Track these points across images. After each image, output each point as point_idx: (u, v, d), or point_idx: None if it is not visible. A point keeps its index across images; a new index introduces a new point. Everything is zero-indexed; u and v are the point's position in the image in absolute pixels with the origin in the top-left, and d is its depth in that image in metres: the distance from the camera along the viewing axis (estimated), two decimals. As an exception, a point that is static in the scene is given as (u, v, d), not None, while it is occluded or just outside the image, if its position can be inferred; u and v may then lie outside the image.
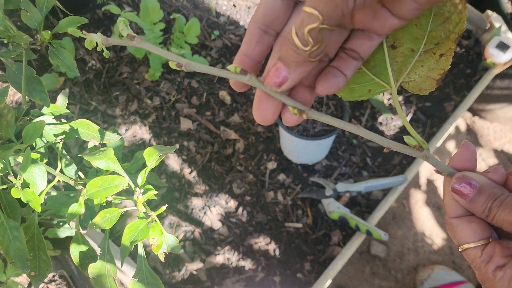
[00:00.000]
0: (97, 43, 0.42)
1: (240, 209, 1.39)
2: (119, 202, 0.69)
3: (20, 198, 0.63)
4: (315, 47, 0.35)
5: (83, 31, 0.37)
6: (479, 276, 0.41)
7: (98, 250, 0.66)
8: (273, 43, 0.43)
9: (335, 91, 0.43)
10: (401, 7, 0.38)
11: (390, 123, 1.52)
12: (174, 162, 1.44)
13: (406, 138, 0.43)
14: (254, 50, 0.42)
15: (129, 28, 0.38)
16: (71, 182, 0.70)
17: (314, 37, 0.35)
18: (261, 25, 0.42)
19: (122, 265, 0.63)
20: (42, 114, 0.73)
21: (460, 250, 0.44)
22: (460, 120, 1.81)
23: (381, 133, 1.50)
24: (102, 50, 0.43)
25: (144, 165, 0.70)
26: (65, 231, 1.02)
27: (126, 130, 1.48)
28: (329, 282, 1.25)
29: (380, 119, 1.52)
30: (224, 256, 1.34)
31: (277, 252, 1.35)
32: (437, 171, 0.44)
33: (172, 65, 0.40)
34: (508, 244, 0.42)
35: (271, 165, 1.44)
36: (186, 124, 1.49)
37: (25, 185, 0.64)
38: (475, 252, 0.42)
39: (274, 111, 0.43)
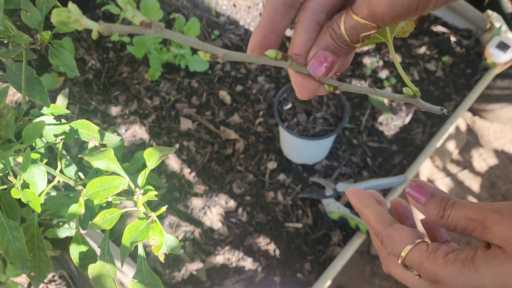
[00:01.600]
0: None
1: (240, 209, 1.39)
2: (119, 202, 0.69)
3: (20, 198, 0.63)
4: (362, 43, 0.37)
5: (82, 20, 0.33)
6: (428, 268, 0.41)
7: (98, 251, 0.66)
8: (296, 16, 0.41)
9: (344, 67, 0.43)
10: None
11: (390, 123, 1.52)
12: (174, 162, 1.44)
13: (404, 89, 0.43)
14: (280, 25, 0.40)
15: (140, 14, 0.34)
16: (71, 183, 0.69)
17: (365, 38, 0.36)
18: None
19: (122, 265, 0.63)
20: (42, 114, 0.73)
21: (401, 256, 0.43)
22: (461, 120, 1.81)
23: (381, 133, 1.50)
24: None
25: (144, 166, 0.70)
26: (64, 231, 1.02)
27: (126, 130, 1.48)
28: (329, 282, 1.25)
29: (380, 119, 1.52)
30: (224, 256, 1.33)
31: (277, 252, 1.35)
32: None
33: (206, 57, 0.37)
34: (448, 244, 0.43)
35: (271, 165, 1.44)
36: (186, 124, 1.49)
37: (25, 185, 0.64)
38: (420, 247, 0.42)
39: (317, 86, 0.42)
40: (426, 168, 1.69)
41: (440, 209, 0.43)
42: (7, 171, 0.63)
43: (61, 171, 0.72)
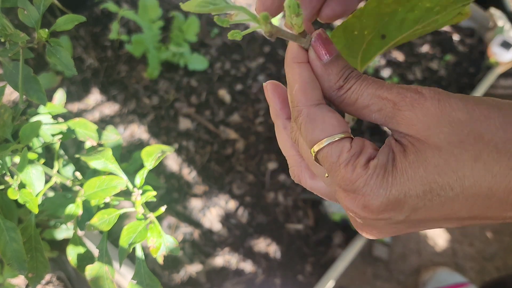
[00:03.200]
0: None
1: (240, 210, 1.38)
2: (117, 203, 0.68)
3: (17, 199, 0.62)
4: None
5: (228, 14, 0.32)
6: (346, 174, 0.32)
7: (95, 252, 0.65)
8: None
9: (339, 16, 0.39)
10: None
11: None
12: (173, 162, 1.43)
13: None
14: None
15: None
16: (69, 183, 0.69)
17: None
18: None
19: (120, 267, 0.62)
20: (39, 114, 0.72)
21: (315, 150, 0.34)
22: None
23: (384, 132, 1.49)
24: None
25: (142, 165, 0.69)
26: (62, 233, 1.01)
27: (124, 130, 1.47)
28: (330, 284, 1.24)
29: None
30: (224, 258, 1.32)
31: (278, 254, 1.34)
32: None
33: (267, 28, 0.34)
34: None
35: (272, 165, 1.43)
36: (185, 124, 1.48)
37: (22, 185, 0.63)
38: (342, 145, 0.33)
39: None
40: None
41: (342, 77, 0.35)
42: (4, 171, 0.62)
43: (58, 171, 0.71)
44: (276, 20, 1.64)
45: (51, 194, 0.77)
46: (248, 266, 1.32)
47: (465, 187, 0.30)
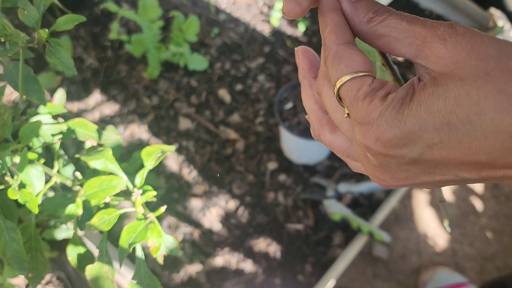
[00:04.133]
0: None
1: (240, 210, 1.38)
2: (117, 203, 0.68)
3: (17, 199, 0.62)
4: None
5: None
6: (363, 106, 0.32)
7: (95, 252, 0.65)
8: None
9: None
10: None
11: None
12: (172, 162, 1.43)
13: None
14: None
15: None
16: (69, 183, 0.69)
17: None
18: None
19: (120, 267, 0.62)
20: (39, 114, 0.72)
21: (338, 83, 0.34)
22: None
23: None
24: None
25: (142, 165, 0.69)
26: (62, 233, 1.01)
27: (124, 130, 1.47)
28: (330, 284, 1.24)
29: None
30: (224, 258, 1.32)
31: (278, 254, 1.34)
32: None
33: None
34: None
35: (272, 165, 1.43)
36: (185, 124, 1.48)
37: (22, 185, 0.63)
38: (364, 80, 0.33)
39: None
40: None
41: (371, 10, 0.35)
42: (4, 171, 0.62)
43: (58, 171, 0.71)
44: (276, 21, 1.64)
45: (51, 194, 0.77)
46: (248, 266, 1.32)
47: (485, 121, 0.28)
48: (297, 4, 0.35)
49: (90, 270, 0.63)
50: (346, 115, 0.36)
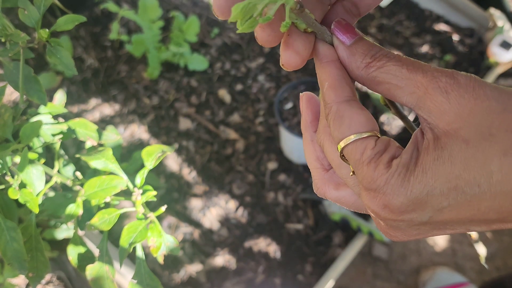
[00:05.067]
0: None
1: (240, 210, 1.38)
2: (118, 203, 0.68)
3: (17, 198, 0.62)
4: None
5: None
6: (368, 172, 0.32)
7: (96, 252, 0.65)
8: None
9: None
10: None
11: (392, 122, 1.51)
12: (173, 162, 1.43)
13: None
14: None
15: None
16: (69, 183, 0.69)
17: None
18: None
19: (121, 266, 0.62)
20: (40, 114, 0.72)
21: (342, 145, 0.34)
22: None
23: (384, 133, 1.49)
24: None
25: (142, 165, 0.69)
26: (62, 232, 1.01)
27: (124, 130, 1.47)
28: (330, 284, 1.24)
29: (382, 118, 1.51)
30: (224, 258, 1.32)
31: (278, 254, 1.34)
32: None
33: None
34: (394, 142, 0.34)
35: (272, 165, 1.43)
36: (185, 124, 1.48)
37: (22, 185, 0.63)
38: (367, 142, 0.33)
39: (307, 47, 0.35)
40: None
41: (368, 54, 0.34)
42: (4, 171, 0.62)
43: (58, 171, 0.71)
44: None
45: (51, 194, 0.77)
46: (248, 266, 1.32)
47: (493, 183, 0.28)
48: (297, 54, 0.35)
49: (91, 270, 0.63)
50: (351, 173, 0.35)
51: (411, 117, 1.36)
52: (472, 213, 0.29)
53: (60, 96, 0.77)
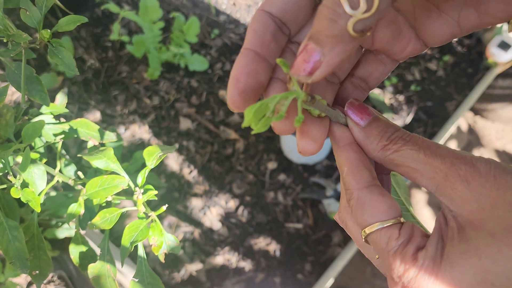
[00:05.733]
0: None
1: (240, 210, 1.38)
2: (119, 202, 0.69)
3: (19, 198, 0.62)
4: (368, 12, 0.26)
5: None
6: (394, 263, 0.31)
7: (97, 251, 0.66)
8: (284, 47, 0.34)
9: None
10: (434, 31, 0.33)
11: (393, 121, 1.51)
12: (173, 162, 1.43)
13: None
14: (270, 47, 0.32)
15: None
16: (70, 182, 0.69)
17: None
18: (276, 19, 0.33)
19: (122, 265, 0.62)
20: (41, 114, 0.72)
21: (364, 234, 0.33)
22: (462, 120, 1.80)
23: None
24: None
25: (143, 165, 0.69)
26: (63, 232, 1.02)
27: (125, 130, 1.47)
28: (329, 283, 1.25)
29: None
30: (224, 257, 1.33)
31: (277, 253, 1.34)
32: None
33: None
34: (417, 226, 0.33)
35: (271, 165, 1.44)
36: (185, 124, 1.48)
37: (24, 185, 0.64)
38: (390, 232, 0.32)
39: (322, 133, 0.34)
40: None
41: (383, 136, 0.33)
42: (6, 171, 0.62)
43: (60, 171, 0.71)
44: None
45: (53, 193, 0.78)
46: (248, 265, 1.32)
47: None
48: (313, 141, 0.34)
49: (92, 269, 0.63)
50: (377, 256, 0.35)
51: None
52: None
53: (61, 96, 0.78)
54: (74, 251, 0.68)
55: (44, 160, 0.68)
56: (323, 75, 0.29)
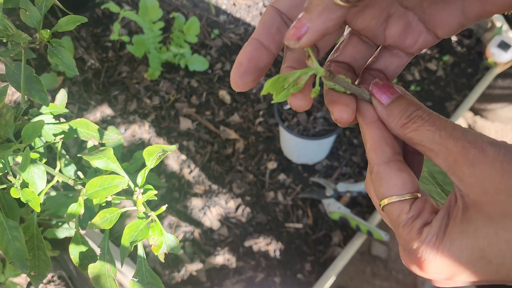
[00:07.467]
0: None
1: (240, 210, 1.39)
2: (119, 202, 0.69)
3: (19, 198, 0.63)
4: None
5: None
6: (403, 234, 0.34)
7: (97, 251, 0.66)
8: None
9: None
10: (442, 21, 0.35)
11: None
12: (173, 162, 1.43)
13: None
14: (274, 38, 0.36)
15: None
16: (70, 182, 0.69)
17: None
18: (283, 15, 0.36)
19: (122, 265, 0.62)
20: (41, 114, 0.72)
21: (381, 205, 0.36)
22: (462, 120, 1.80)
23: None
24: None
25: (143, 165, 0.69)
26: (63, 232, 1.02)
27: (125, 130, 1.47)
28: (329, 283, 1.25)
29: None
30: (224, 257, 1.33)
31: (277, 253, 1.34)
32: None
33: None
34: (432, 201, 0.35)
35: (271, 165, 1.44)
36: (185, 124, 1.48)
37: (24, 185, 0.64)
38: (402, 206, 0.34)
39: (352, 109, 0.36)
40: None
41: (403, 115, 0.35)
42: (6, 171, 0.63)
43: (60, 171, 0.71)
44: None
45: (53, 193, 0.78)
46: (248, 265, 1.33)
47: None
48: (347, 107, 0.36)
49: (92, 269, 0.63)
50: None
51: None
52: (501, 278, 0.31)
53: (61, 96, 0.78)
54: (74, 251, 0.68)
55: (44, 160, 0.68)
56: (310, 41, 0.31)
